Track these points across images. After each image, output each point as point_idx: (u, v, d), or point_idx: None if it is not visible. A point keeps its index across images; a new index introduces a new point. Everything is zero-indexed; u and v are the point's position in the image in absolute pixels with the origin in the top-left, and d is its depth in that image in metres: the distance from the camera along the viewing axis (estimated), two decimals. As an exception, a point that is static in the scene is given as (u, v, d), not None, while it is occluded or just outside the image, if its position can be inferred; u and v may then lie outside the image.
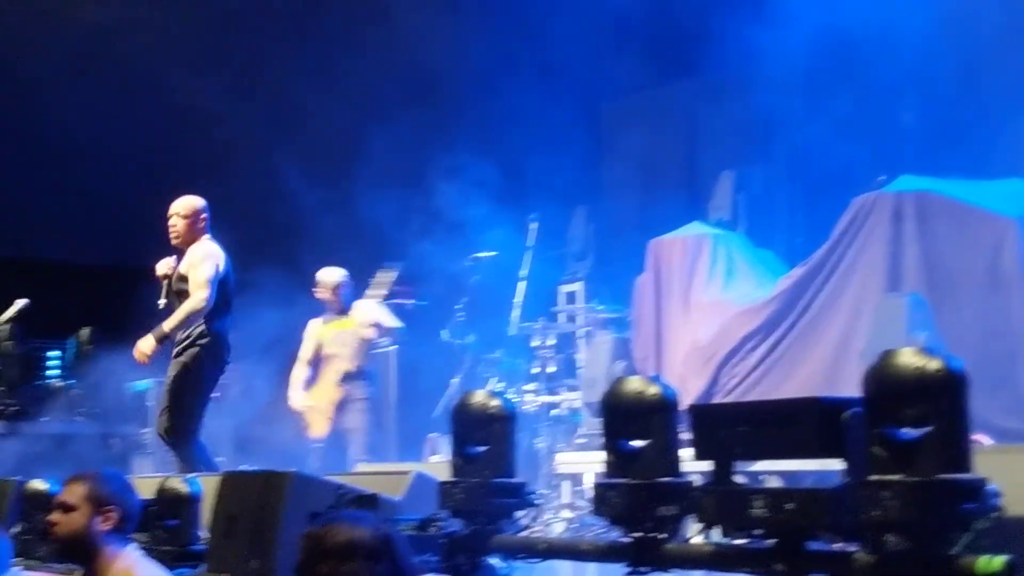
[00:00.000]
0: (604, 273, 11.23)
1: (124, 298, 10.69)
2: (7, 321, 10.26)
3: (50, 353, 12.46)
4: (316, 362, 9.52)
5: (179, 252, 7.92)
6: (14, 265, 13.11)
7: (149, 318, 8.78)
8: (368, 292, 10.04)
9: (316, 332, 9.56)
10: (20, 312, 9.93)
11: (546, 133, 10.88)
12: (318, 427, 9.36)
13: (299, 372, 9.54)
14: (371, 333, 9.57)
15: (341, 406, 9.34)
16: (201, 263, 7.71)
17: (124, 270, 11.73)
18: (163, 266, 7.94)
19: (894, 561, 3.15)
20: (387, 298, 10.16)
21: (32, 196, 13.02)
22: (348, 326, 9.49)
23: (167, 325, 7.67)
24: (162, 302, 7.89)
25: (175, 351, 7.75)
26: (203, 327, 7.70)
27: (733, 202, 10.19)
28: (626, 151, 12.54)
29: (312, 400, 9.44)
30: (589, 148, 12.67)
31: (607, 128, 13.08)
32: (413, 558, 3.12)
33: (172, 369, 7.77)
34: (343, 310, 9.54)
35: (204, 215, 7.92)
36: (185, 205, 7.91)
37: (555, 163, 10.88)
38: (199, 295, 7.62)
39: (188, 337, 7.71)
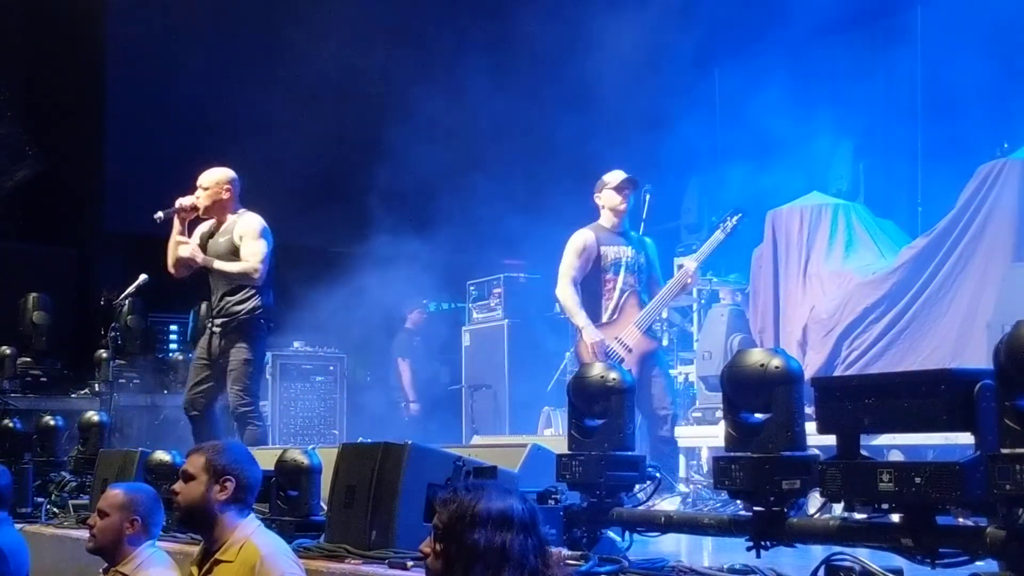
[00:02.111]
0: (719, 244, 11.10)
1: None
2: (128, 296, 10.47)
3: (171, 327, 12.73)
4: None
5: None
6: (135, 240, 13.39)
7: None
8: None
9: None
10: (140, 287, 10.12)
11: (659, 102, 10.77)
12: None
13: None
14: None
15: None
16: (257, 239, 7.88)
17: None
18: (187, 200, 7.99)
19: (1027, 536, 3.07)
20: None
21: (154, 172, 13.26)
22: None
23: (217, 264, 7.86)
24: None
25: (233, 323, 7.83)
26: (259, 300, 7.87)
27: (853, 171, 10.01)
28: (741, 120, 12.37)
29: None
30: (703, 117, 12.52)
31: (721, 96, 12.90)
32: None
33: (237, 344, 7.82)
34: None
35: (229, 186, 8.02)
36: (207, 178, 8.04)
37: (668, 133, 10.77)
38: (257, 269, 7.82)
39: (247, 312, 7.84)
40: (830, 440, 3.59)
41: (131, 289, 10.17)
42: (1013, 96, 9.56)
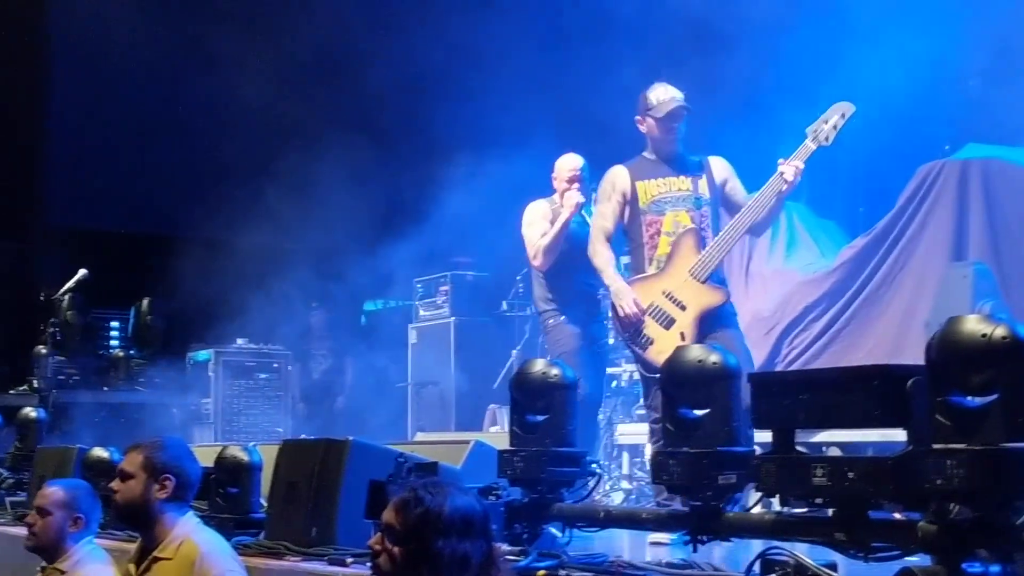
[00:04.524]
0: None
1: (184, 268, 10.81)
2: (68, 291, 10.38)
3: (111, 324, 12.61)
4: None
5: None
6: (75, 236, 13.26)
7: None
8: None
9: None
10: (80, 282, 10.04)
11: (607, 98, 10.76)
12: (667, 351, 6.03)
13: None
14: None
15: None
16: None
17: (184, 240, 11.84)
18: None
19: (958, 530, 3.11)
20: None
21: (96, 166, 13.15)
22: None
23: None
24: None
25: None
26: None
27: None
28: (688, 121, 12.40)
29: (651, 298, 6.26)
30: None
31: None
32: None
33: None
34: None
35: None
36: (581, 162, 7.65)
37: (615, 130, 10.78)
38: None
39: None
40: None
41: (71, 284, 10.08)
42: (954, 98, 9.65)
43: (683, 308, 6.13)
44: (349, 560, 4.53)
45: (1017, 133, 8.74)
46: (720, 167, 6.53)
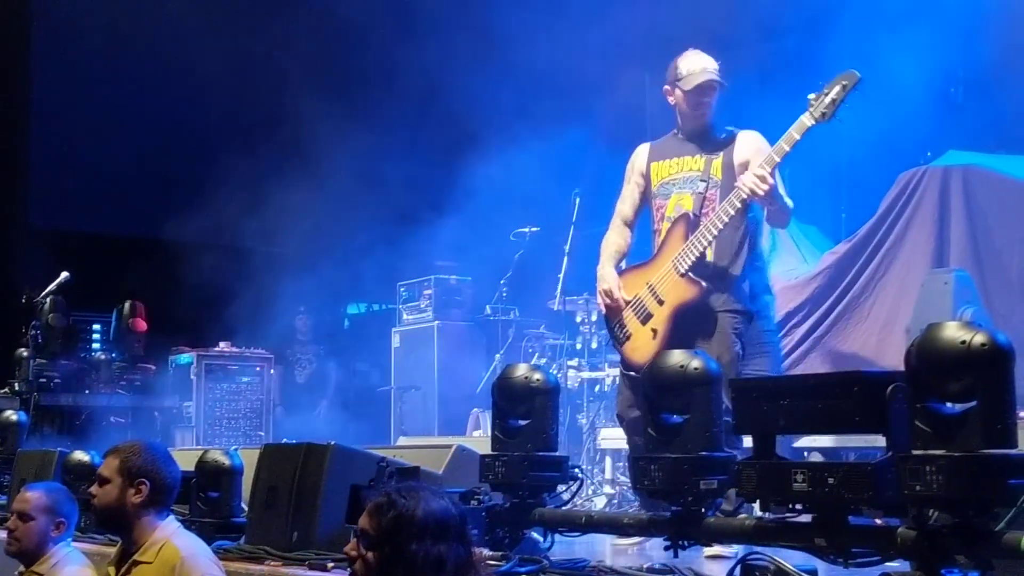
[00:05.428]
0: (647, 249, 11.14)
1: (167, 272, 10.78)
2: (49, 294, 10.33)
3: (93, 327, 12.55)
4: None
5: None
6: (57, 238, 13.21)
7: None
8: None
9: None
10: (61, 285, 9.99)
11: (591, 106, 10.79)
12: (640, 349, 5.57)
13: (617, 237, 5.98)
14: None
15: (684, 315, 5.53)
16: None
17: (167, 243, 11.81)
18: None
19: (937, 536, 3.12)
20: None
21: (79, 168, 13.10)
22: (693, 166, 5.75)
23: None
24: None
25: None
26: None
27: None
28: (669, 125, 12.42)
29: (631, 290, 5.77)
30: (631, 122, 12.58)
31: (650, 101, 12.96)
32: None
33: None
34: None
35: None
36: None
37: (598, 136, 10.80)
38: None
39: None
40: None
41: (52, 287, 10.03)
42: (936, 105, 9.69)
43: (661, 303, 5.56)
44: (330, 565, 4.53)
45: (997, 140, 8.79)
46: (745, 145, 5.67)
